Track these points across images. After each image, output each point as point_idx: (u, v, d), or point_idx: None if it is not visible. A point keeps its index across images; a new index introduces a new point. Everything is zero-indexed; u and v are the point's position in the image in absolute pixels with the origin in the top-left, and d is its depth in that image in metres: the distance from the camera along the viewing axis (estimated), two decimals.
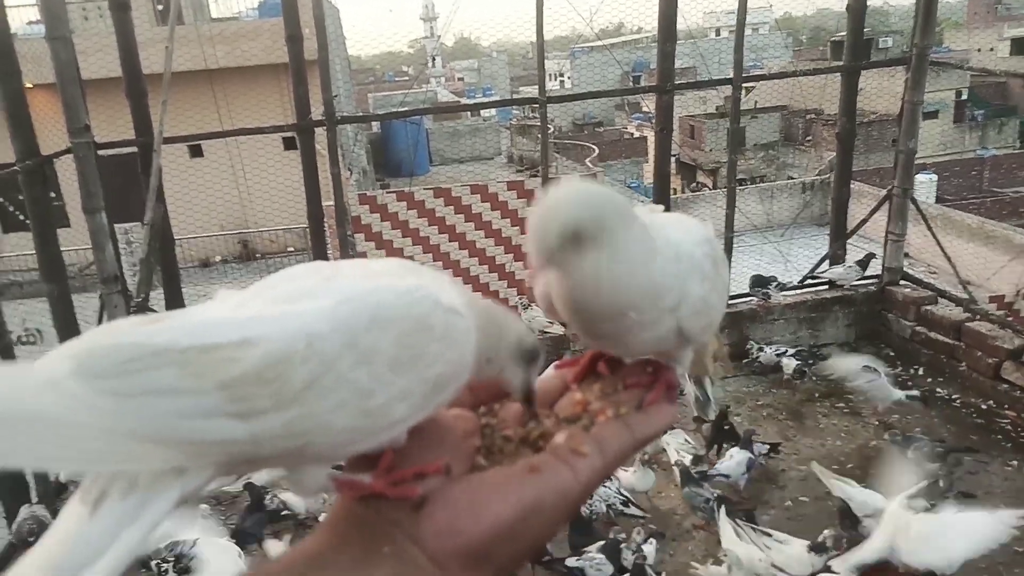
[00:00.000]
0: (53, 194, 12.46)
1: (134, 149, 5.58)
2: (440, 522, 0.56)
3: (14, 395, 0.46)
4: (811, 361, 5.64)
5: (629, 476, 4.04)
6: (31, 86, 5.63)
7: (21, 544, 3.91)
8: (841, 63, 6.51)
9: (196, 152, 14.45)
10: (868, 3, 6.29)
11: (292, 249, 16.22)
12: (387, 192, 7.19)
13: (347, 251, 6.11)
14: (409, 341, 0.55)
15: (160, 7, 16.08)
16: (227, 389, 0.49)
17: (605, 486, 3.87)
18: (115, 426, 0.47)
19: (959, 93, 29.52)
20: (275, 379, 0.50)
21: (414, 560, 0.55)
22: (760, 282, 6.26)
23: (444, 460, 0.60)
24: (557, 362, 0.76)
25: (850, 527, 3.77)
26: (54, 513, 4.07)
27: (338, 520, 0.59)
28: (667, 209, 0.80)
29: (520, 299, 6.98)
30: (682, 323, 0.67)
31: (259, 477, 4.02)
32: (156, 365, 0.48)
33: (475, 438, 0.64)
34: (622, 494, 4.05)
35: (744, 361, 5.73)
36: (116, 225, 5.88)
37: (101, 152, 5.32)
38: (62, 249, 5.30)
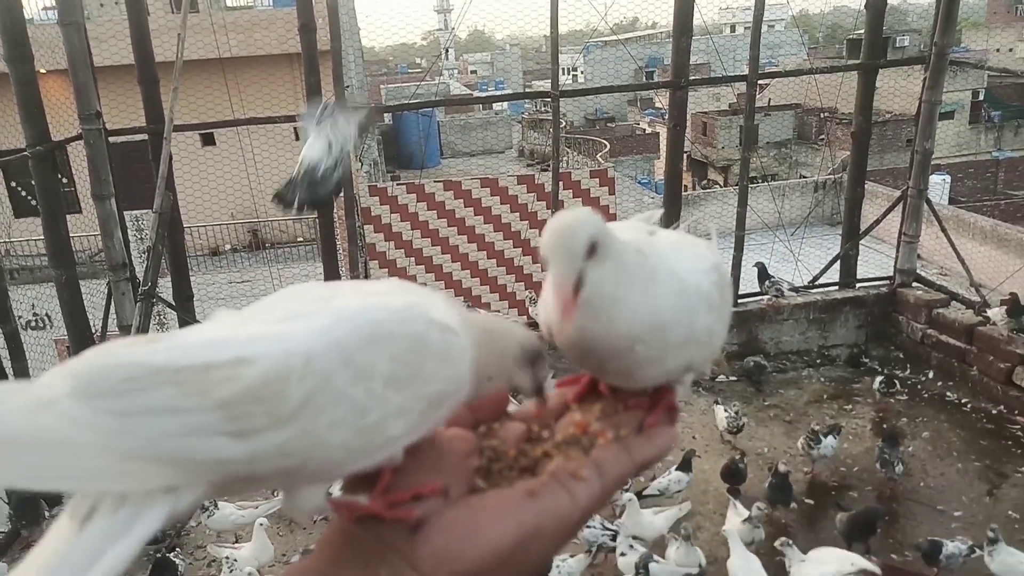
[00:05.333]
0: (64, 180, 12.53)
1: (145, 136, 5.59)
2: (437, 546, 0.56)
3: (13, 414, 0.47)
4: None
5: (672, 553, 3.67)
6: (44, 72, 5.64)
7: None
8: (858, 61, 6.44)
9: (208, 140, 14.51)
10: (887, 1, 6.22)
11: (302, 239, 16.25)
12: (397, 184, 7.17)
13: (356, 242, 6.09)
14: (405, 359, 0.56)
15: None
16: (225, 408, 0.49)
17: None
18: (113, 445, 0.48)
19: (976, 94, 29.18)
20: (272, 397, 0.50)
21: None
22: (764, 273, 6.17)
23: (442, 482, 0.59)
24: (558, 380, 0.75)
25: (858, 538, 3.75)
26: None
27: (335, 541, 0.59)
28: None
29: (528, 293, 6.96)
30: (691, 357, 0.67)
31: None
32: (154, 384, 0.49)
33: (474, 459, 0.63)
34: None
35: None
36: (127, 212, 5.89)
37: (112, 139, 5.33)
38: (72, 235, 5.31)
